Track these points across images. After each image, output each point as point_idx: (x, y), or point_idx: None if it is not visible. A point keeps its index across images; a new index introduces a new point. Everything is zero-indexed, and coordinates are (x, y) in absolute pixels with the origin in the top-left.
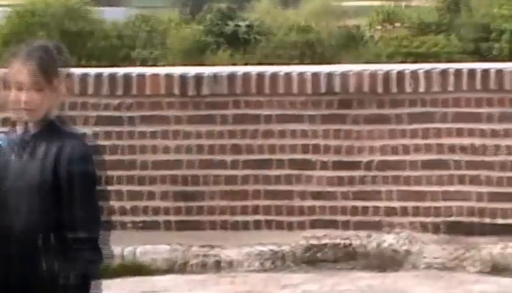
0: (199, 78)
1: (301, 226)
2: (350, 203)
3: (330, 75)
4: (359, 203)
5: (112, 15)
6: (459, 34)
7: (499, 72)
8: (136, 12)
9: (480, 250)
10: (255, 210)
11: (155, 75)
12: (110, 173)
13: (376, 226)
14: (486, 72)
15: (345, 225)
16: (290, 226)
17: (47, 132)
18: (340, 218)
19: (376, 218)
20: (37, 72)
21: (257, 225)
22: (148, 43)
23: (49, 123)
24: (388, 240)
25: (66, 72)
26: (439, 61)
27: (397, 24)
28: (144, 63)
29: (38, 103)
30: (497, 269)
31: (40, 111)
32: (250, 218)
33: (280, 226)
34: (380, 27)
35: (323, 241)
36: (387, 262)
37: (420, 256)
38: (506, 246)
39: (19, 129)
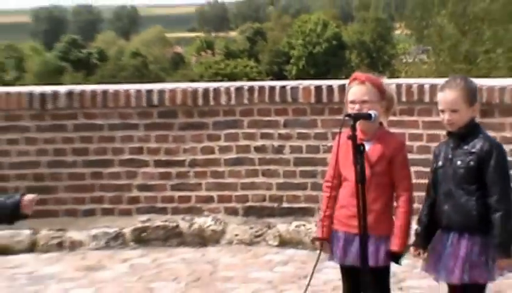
0: (43, 95)
1: (139, 211)
2: (175, 193)
3: (150, 92)
4: (182, 193)
5: None
6: (264, 59)
7: (282, 88)
8: None
9: (271, 228)
10: (100, 200)
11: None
12: None
13: (196, 211)
14: (272, 88)
15: (174, 211)
16: (128, 212)
17: None
18: (168, 205)
19: (195, 205)
20: None
21: (102, 212)
22: (11, 67)
23: None
24: (207, 222)
25: None
26: (247, 79)
27: (219, 51)
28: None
29: None
30: (284, 242)
31: None
32: (96, 206)
33: (122, 212)
34: (203, 53)
35: (156, 224)
36: (206, 239)
37: (227, 234)
38: (290, 225)
39: None
